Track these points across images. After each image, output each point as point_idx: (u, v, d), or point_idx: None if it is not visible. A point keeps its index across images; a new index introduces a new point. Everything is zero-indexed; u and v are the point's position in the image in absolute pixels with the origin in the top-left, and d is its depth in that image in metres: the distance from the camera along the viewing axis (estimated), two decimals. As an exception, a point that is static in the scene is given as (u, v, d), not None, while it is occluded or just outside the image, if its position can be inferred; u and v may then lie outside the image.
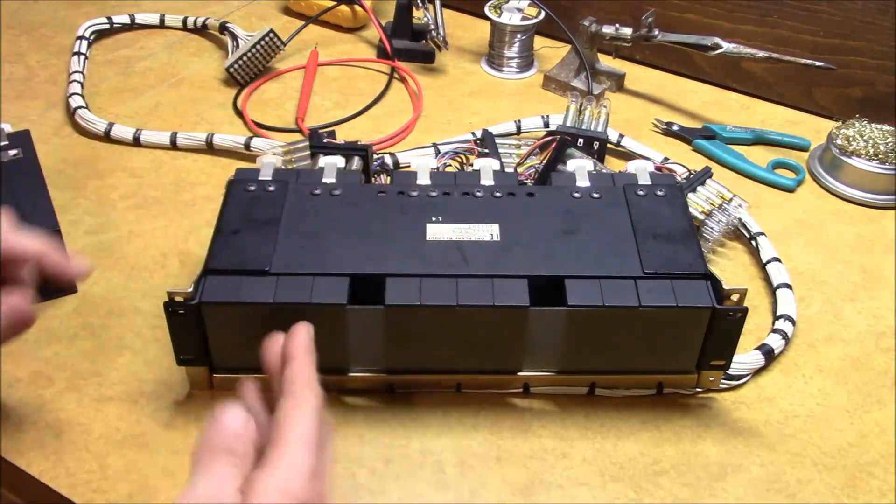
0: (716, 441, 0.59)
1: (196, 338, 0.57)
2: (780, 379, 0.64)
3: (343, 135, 0.86)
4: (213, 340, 0.58)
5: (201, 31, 1.03)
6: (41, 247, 0.52)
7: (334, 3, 1.03)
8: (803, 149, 0.88)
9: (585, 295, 0.56)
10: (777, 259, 0.72)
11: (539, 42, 1.00)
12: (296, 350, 0.46)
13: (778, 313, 0.67)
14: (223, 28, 0.99)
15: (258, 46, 0.93)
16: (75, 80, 0.90)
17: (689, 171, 0.76)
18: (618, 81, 0.96)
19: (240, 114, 0.90)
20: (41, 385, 0.61)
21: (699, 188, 0.74)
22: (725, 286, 0.56)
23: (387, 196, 0.63)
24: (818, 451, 0.59)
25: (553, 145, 0.75)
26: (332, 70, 0.98)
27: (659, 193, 0.64)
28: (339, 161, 0.69)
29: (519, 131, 0.86)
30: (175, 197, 0.78)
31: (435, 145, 0.83)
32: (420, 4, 0.96)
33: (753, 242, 0.74)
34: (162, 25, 1.03)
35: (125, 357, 0.63)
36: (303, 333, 0.47)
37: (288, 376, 0.45)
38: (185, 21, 1.03)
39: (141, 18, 1.03)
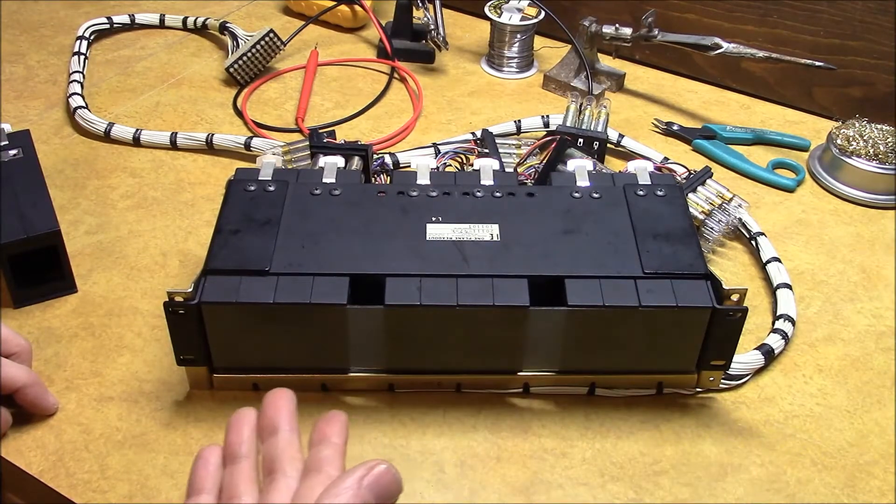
0: (716, 441, 0.59)
1: (196, 338, 0.57)
2: (780, 379, 0.64)
3: (343, 135, 0.86)
4: (213, 340, 0.58)
5: (201, 31, 1.03)
6: (27, 378, 0.56)
7: (334, 3, 1.03)
8: (803, 149, 0.88)
9: (585, 295, 0.56)
10: (777, 259, 0.72)
11: (539, 42, 1.00)
12: (281, 421, 0.45)
13: (778, 313, 0.67)
14: (223, 28, 0.99)
15: (258, 46, 0.93)
16: (75, 80, 0.90)
17: (689, 171, 0.76)
18: (618, 81, 0.96)
19: (240, 114, 0.90)
20: (41, 385, 0.61)
21: (699, 188, 0.74)
22: (725, 286, 0.56)
23: (387, 196, 0.63)
24: (818, 450, 0.59)
25: (553, 145, 0.75)
26: (331, 70, 0.98)
27: (659, 193, 0.64)
28: (339, 161, 0.69)
29: (519, 131, 0.86)
30: (175, 197, 0.78)
31: (435, 145, 0.83)
32: (420, 4, 0.96)
33: (753, 242, 0.74)
34: (162, 25, 1.03)
35: (125, 357, 0.63)
36: (286, 401, 0.46)
37: (272, 451, 0.44)
38: (185, 21, 1.03)
39: (141, 18, 1.03)
